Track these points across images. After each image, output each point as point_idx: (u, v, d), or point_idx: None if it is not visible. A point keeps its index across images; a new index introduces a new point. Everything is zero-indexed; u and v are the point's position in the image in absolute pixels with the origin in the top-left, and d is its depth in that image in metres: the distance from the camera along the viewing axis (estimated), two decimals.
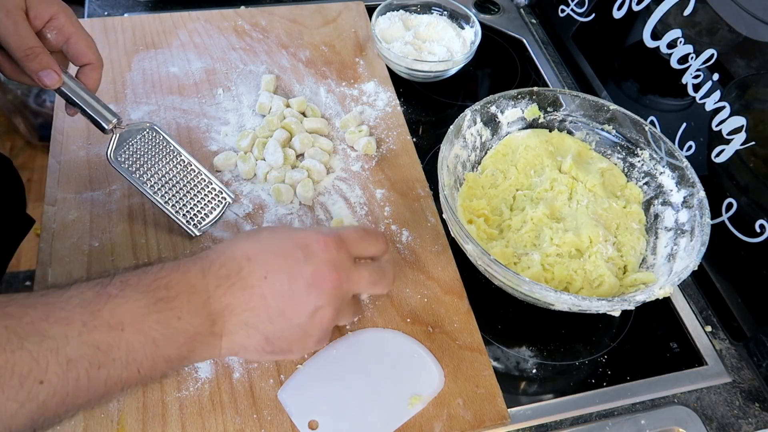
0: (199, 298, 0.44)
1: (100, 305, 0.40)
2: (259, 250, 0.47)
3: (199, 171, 0.66)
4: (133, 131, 0.62)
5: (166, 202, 0.63)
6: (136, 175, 0.61)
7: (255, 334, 0.46)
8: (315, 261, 0.47)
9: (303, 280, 0.47)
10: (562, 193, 0.67)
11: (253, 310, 0.46)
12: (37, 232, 0.69)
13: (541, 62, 0.94)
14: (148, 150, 0.63)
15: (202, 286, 0.44)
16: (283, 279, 0.46)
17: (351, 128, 0.75)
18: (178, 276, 0.44)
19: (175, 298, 0.43)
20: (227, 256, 0.47)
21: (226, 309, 0.45)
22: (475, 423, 0.54)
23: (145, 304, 0.41)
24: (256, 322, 0.46)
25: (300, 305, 0.47)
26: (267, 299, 0.46)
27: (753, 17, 0.62)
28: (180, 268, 0.45)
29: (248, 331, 0.46)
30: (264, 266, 0.46)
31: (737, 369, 0.63)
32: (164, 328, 0.42)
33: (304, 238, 0.48)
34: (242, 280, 0.46)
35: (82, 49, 0.57)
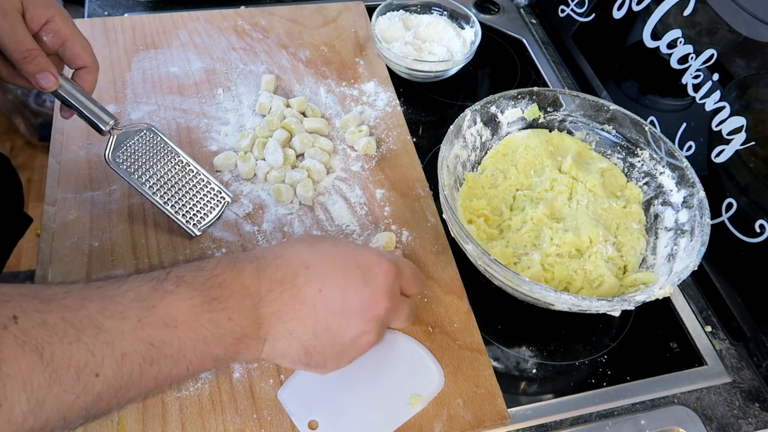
0: (250, 300, 0.44)
1: (155, 301, 0.40)
2: (319, 260, 0.47)
3: (197, 171, 0.66)
4: (131, 132, 0.62)
5: (165, 202, 0.62)
6: (134, 176, 0.61)
7: (296, 344, 0.46)
8: (374, 285, 0.47)
9: (358, 301, 0.46)
10: (562, 193, 0.67)
11: (300, 320, 0.45)
12: (37, 232, 0.69)
13: (541, 62, 0.94)
14: (147, 151, 0.63)
15: (255, 287, 0.44)
16: (337, 295, 0.46)
17: (351, 128, 0.75)
18: (233, 275, 0.44)
19: (228, 298, 0.43)
20: (284, 259, 0.46)
21: (274, 315, 0.45)
22: (475, 423, 0.54)
23: (199, 302, 0.41)
24: (301, 333, 0.46)
25: (348, 325, 0.47)
26: (317, 312, 0.46)
27: (753, 17, 0.62)
28: (235, 266, 0.45)
29: (290, 340, 0.46)
30: (321, 278, 0.46)
31: (737, 369, 0.63)
32: (215, 327, 0.42)
33: (367, 259, 0.48)
34: (295, 288, 0.45)
35: (78, 52, 0.57)
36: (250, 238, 0.64)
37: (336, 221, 0.67)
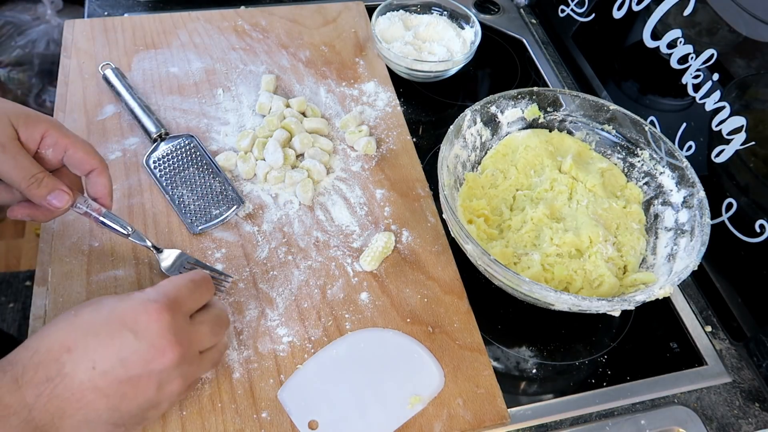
0: (17, 418, 0.39)
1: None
2: (78, 337, 0.42)
3: (219, 177, 0.68)
4: (172, 138, 0.70)
5: (175, 197, 0.66)
6: (157, 172, 0.67)
7: (99, 426, 0.42)
8: (148, 336, 0.43)
9: (139, 360, 0.42)
10: (562, 193, 0.68)
11: (88, 405, 0.41)
12: (37, 232, 0.69)
13: (541, 62, 0.94)
14: (178, 154, 0.69)
15: (18, 401, 0.39)
16: (115, 365, 0.42)
17: (351, 128, 0.75)
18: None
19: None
20: (41, 353, 0.41)
21: (55, 415, 0.40)
22: (475, 423, 0.54)
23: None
24: (96, 415, 0.42)
25: (142, 385, 0.43)
26: (102, 390, 0.41)
27: (753, 17, 0.62)
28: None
29: (90, 426, 0.42)
30: (88, 355, 0.41)
31: (737, 369, 0.63)
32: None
33: (132, 312, 0.43)
34: (67, 378, 0.40)
35: (83, 156, 0.53)
36: (250, 238, 0.64)
37: (336, 221, 0.67)
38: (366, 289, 0.62)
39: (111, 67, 0.75)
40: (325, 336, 0.58)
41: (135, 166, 0.69)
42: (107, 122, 0.72)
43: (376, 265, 0.63)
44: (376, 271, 0.63)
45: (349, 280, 0.62)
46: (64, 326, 0.43)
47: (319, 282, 0.62)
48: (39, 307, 0.57)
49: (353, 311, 0.60)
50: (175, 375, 0.44)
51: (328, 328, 0.59)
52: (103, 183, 0.55)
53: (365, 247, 0.65)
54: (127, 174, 0.68)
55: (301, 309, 0.60)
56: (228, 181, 0.68)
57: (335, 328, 0.59)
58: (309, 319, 0.59)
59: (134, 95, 0.73)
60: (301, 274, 0.62)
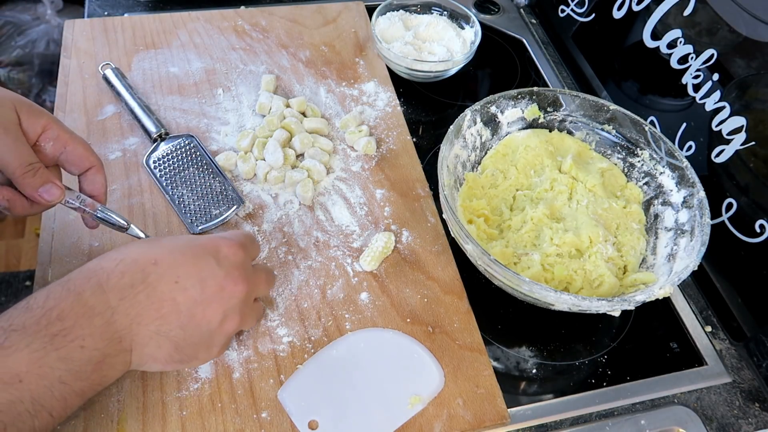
0: (100, 319, 0.41)
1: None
2: (165, 253, 0.45)
3: (219, 177, 0.68)
4: (171, 138, 0.70)
5: (175, 197, 0.66)
6: (157, 173, 0.67)
7: (165, 342, 0.44)
8: (226, 265, 0.46)
9: (216, 284, 0.45)
10: (562, 193, 0.68)
11: (163, 317, 0.43)
12: (37, 232, 0.69)
13: (541, 62, 0.94)
14: (178, 154, 0.69)
15: (102, 303, 0.41)
16: (195, 283, 0.44)
17: (351, 128, 0.75)
18: (71, 300, 0.40)
19: (73, 327, 0.39)
20: (127, 262, 0.43)
21: (134, 321, 0.42)
22: (475, 423, 0.54)
23: (39, 345, 0.38)
24: (167, 329, 0.44)
25: (210, 310, 0.46)
26: (179, 305, 0.44)
27: (753, 17, 0.62)
28: (70, 290, 0.41)
29: (159, 340, 0.44)
30: (174, 269, 0.44)
31: (737, 369, 0.63)
32: (68, 363, 0.39)
33: (213, 243, 0.47)
34: (150, 287, 0.43)
35: (82, 153, 0.53)
36: None
37: (336, 221, 0.67)
38: (366, 289, 0.62)
39: (111, 67, 0.75)
40: (325, 336, 0.58)
41: (135, 166, 0.69)
42: (107, 122, 0.72)
43: (376, 265, 0.63)
44: (376, 271, 0.63)
45: (349, 280, 0.62)
46: (146, 244, 0.46)
47: (319, 282, 0.62)
48: None
49: (353, 311, 0.60)
50: (237, 310, 0.47)
51: (328, 328, 0.59)
52: (101, 181, 0.55)
53: (365, 247, 0.65)
54: (127, 174, 0.68)
55: (301, 309, 0.60)
56: (228, 181, 0.68)
57: (335, 328, 0.59)
58: (309, 319, 0.59)
59: (134, 95, 0.73)
60: (301, 274, 0.62)
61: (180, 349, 0.45)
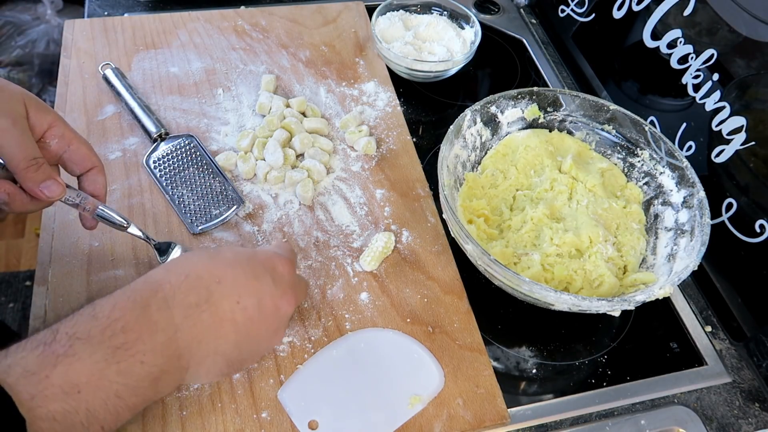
0: (164, 335, 0.40)
1: (47, 370, 0.36)
2: (228, 271, 0.45)
3: (219, 177, 0.68)
4: (171, 138, 0.70)
5: (175, 197, 0.66)
6: (157, 173, 0.67)
7: (220, 360, 0.45)
8: (282, 284, 0.47)
9: (272, 303, 0.46)
10: (562, 193, 0.68)
11: (223, 337, 0.44)
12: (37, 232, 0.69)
13: (541, 62, 0.94)
14: (178, 154, 0.69)
15: (167, 320, 0.41)
16: (254, 303, 0.45)
17: (351, 128, 0.75)
18: (136, 313, 0.40)
19: (136, 341, 0.39)
20: (192, 279, 0.43)
21: (194, 340, 0.42)
22: (475, 423, 0.54)
23: (101, 357, 0.37)
24: (225, 348, 0.44)
25: (264, 328, 0.46)
26: (237, 324, 0.44)
27: (753, 17, 0.62)
28: (137, 302, 0.41)
29: (216, 358, 0.44)
30: (236, 289, 0.44)
31: (737, 369, 0.63)
32: (126, 378, 0.38)
33: (270, 260, 0.48)
34: (213, 307, 0.43)
35: (86, 153, 0.53)
36: (250, 238, 0.64)
37: (336, 221, 0.67)
38: (366, 289, 0.62)
39: (111, 67, 0.75)
40: (325, 336, 0.58)
41: (135, 166, 0.69)
42: (107, 122, 0.72)
43: (376, 265, 0.63)
44: (376, 271, 0.63)
45: (349, 280, 0.62)
46: (208, 259, 0.46)
47: (319, 282, 0.62)
48: (39, 307, 0.57)
49: (353, 311, 0.60)
50: (285, 324, 0.48)
51: (328, 328, 0.59)
52: (102, 182, 0.56)
53: (365, 247, 0.65)
54: (127, 174, 0.68)
55: (301, 309, 0.60)
56: (228, 180, 0.68)
57: (335, 328, 0.59)
58: (309, 319, 0.59)
59: (134, 95, 0.73)
60: (301, 273, 0.62)
61: (230, 364, 0.46)
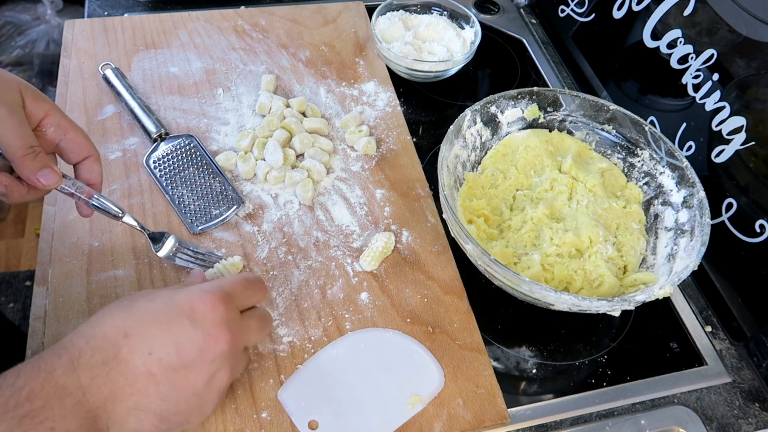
0: (71, 399, 0.39)
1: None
2: (136, 322, 0.43)
3: (219, 177, 0.68)
4: (171, 138, 0.70)
5: (175, 197, 0.66)
6: (157, 173, 0.67)
7: (147, 416, 0.43)
8: (204, 324, 0.44)
9: (194, 347, 0.43)
10: (562, 193, 0.67)
11: (140, 392, 0.42)
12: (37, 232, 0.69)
13: (541, 62, 0.94)
14: (178, 154, 0.69)
15: (73, 383, 0.40)
16: (170, 351, 0.43)
17: (351, 128, 0.75)
18: (41, 380, 0.39)
19: (43, 407, 0.38)
20: (98, 338, 0.42)
21: (108, 399, 0.41)
22: (475, 423, 0.54)
23: (6, 428, 0.36)
24: (146, 403, 0.42)
25: (194, 374, 0.43)
26: (155, 376, 0.42)
27: (753, 17, 0.62)
28: (41, 368, 0.40)
29: (138, 414, 0.42)
30: (146, 340, 0.42)
31: (737, 369, 0.63)
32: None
33: (188, 301, 0.44)
34: (122, 363, 0.41)
35: (82, 141, 0.54)
36: (249, 238, 0.64)
37: (336, 221, 0.67)
38: (366, 289, 0.62)
39: (111, 67, 0.75)
40: (325, 336, 0.58)
41: (135, 166, 0.69)
42: (107, 122, 0.72)
43: (376, 265, 0.63)
44: (376, 271, 0.63)
45: (349, 280, 0.62)
46: (119, 313, 0.44)
47: (319, 282, 0.62)
48: (39, 307, 0.57)
49: (353, 311, 0.60)
50: (224, 366, 0.45)
51: (328, 328, 0.59)
52: (98, 170, 0.56)
53: (365, 247, 0.65)
54: (127, 174, 0.68)
55: (301, 309, 0.60)
56: (228, 180, 0.68)
57: (335, 328, 0.59)
58: (309, 319, 0.59)
59: (134, 95, 0.73)
60: (301, 274, 0.62)
61: (166, 419, 0.44)
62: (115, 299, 0.57)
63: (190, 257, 0.61)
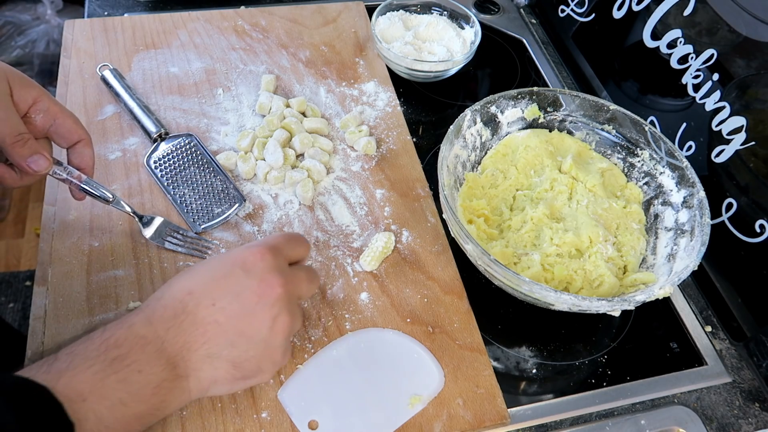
0: (152, 347, 0.43)
1: (53, 383, 0.39)
2: (197, 281, 0.47)
3: (220, 176, 0.68)
4: (171, 138, 0.70)
5: (177, 196, 0.66)
6: (158, 172, 0.68)
7: (220, 363, 0.46)
8: (257, 272, 0.47)
9: (252, 294, 0.46)
10: (562, 193, 0.68)
11: (211, 340, 0.45)
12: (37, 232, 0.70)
13: (541, 62, 0.94)
14: (178, 154, 0.69)
15: (152, 333, 0.44)
16: (231, 300, 0.46)
17: (351, 128, 0.75)
18: (124, 332, 0.43)
19: (129, 353, 0.42)
20: (166, 298, 0.46)
21: (183, 348, 0.44)
22: (475, 423, 0.54)
23: (100, 368, 0.41)
24: (218, 350, 0.45)
25: (257, 320, 0.46)
26: (222, 325, 0.45)
27: (753, 17, 0.62)
28: (123, 324, 0.44)
29: (213, 362, 0.45)
30: (208, 294, 0.46)
31: (737, 369, 0.63)
32: (127, 385, 0.41)
33: (239, 255, 0.48)
34: (190, 315, 0.45)
35: (71, 126, 0.55)
36: (249, 238, 0.64)
37: (336, 221, 0.67)
38: (366, 289, 0.62)
39: (109, 68, 0.75)
40: (325, 336, 0.58)
41: (135, 166, 0.69)
42: (107, 122, 0.72)
43: (376, 265, 0.63)
44: (376, 271, 0.63)
45: (349, 280, 0.62)
46: (182, 278, 0.48)
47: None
48: (39, 307, 0.57)
49: (353, 311, 0.60)
50: (283, 311, 0.47)
51: (328, 328, 0.59)
52: (90, 154, 0.57)
53: (365, 247, 0.65)
54: (127, 174, 0.68)
55: (302, 309, 0.60)
56: (229, 179, 0.68)
57: (335, 328, 0.59)
58: (309, 319, 0.59)
59: (133, 96, 0.73)
60: None
61: (239, 366, 0.46)
62: (115, 299, 0.58)
63: (179, 241, 0.62)
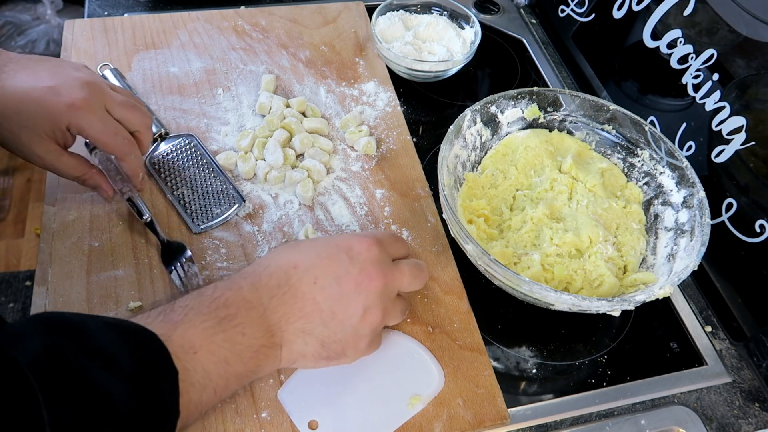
0: (256, 312, 0.46)
1: (169, 332, 0.42)
2: (304, 257, 0.49)
3: (219, 176, 0.68)
4: (171, 138, 0.71)
5: (176, 196, 0.66)
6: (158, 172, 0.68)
7: (311, 340, 0.48)
8: (360, 261, 0.49)
9: (351, 280, 0.48)
10: (562, 193, 0.68)
11: (307, 316, 0.47)
12: (37, 232, 0.70)
13: (541, 62, 0.94)
14: (178, 154, 0.70)
15: (257, 299, 0.46)
16: (332, 282, 0.48)
17: (351, 128, 0.75)
18: (233, 293, 0.46)
19: (236, 314, 0.45)
20: (273, 267, 0.48)
21: (282, 319, 0.47)
22: (475, 423, 0.54)
23: (211, 324, 0.43)
24: (311, 327, 0.47)
25: (350, 306, 0.48)
26: (319, 303, 0.47)
27: (753, 17, 0.62)
28: (232, 285, 0.47)
29: (305, 338, 0.48)
30: (312, 271, 0.48)
31: (737, 369, 0.63)
32: (232, 345, 0.44)
33: (347, 241, 0.50)
34: (293, 288, 0.47)
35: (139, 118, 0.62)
36: (249, 238, 0.64)
37: (336, 221, 0.67)
38: None
39: (110, 68, 0.75)
40: None
41: None
42: None
43: None
44: None
45: None
46: (288, 250, 0.50)
47: None
48: (39, 307, 0.57)
49: None
50: (377, 304, 0.49)
51: None
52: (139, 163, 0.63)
53: None
54: None
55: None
56: (229, 179, 0.68)
57: None
58: None
59: (133, 96, 0.73)
60: None
61: (326, 346, 0.48)
62: (115, 299, 0.58)
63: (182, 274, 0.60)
